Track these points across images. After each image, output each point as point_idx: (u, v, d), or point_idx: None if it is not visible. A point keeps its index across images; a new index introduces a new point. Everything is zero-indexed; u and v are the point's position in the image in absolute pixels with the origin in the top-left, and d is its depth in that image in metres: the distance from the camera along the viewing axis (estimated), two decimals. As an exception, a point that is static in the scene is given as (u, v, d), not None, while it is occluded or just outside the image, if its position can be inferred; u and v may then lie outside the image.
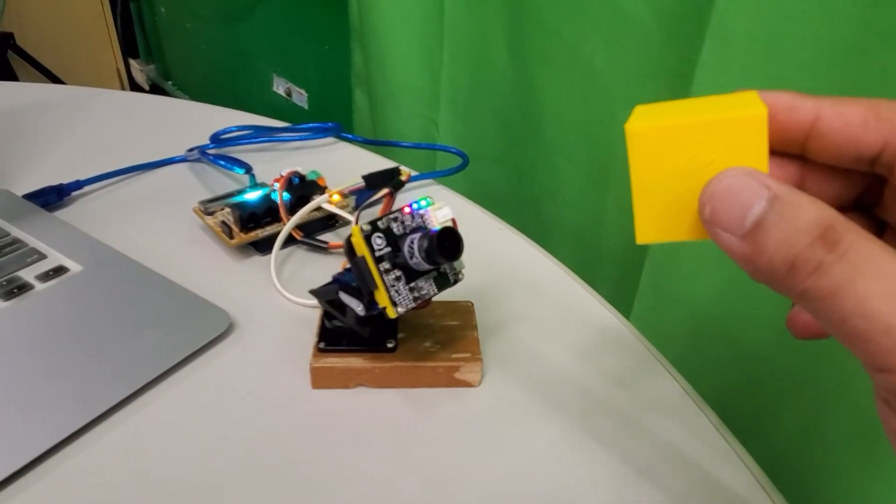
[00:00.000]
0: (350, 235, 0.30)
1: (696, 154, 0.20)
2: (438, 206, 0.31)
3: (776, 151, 0.21)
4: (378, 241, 0.29)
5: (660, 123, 0.20)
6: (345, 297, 0.32)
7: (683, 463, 0.31)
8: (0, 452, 0.29)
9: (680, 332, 0.55)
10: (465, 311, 0.37)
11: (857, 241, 0.17)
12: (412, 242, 0.30)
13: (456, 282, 0.32)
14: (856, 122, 0.20)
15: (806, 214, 0.17)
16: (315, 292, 0.35)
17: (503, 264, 0.45)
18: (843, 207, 0.22)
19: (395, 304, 0.29)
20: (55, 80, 1.82)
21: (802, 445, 0.48)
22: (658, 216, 0.21)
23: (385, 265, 0.29)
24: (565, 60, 0.62)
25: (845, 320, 0.16)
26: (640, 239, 0.22)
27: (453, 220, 0.32)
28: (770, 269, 0.18)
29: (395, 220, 0.30)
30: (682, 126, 0.20)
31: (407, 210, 0.31)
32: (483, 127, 0.75)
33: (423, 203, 0.31)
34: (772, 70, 0.44)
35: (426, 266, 0.30)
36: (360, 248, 0.29)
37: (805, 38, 0.42)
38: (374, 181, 0.45)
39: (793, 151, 0.22)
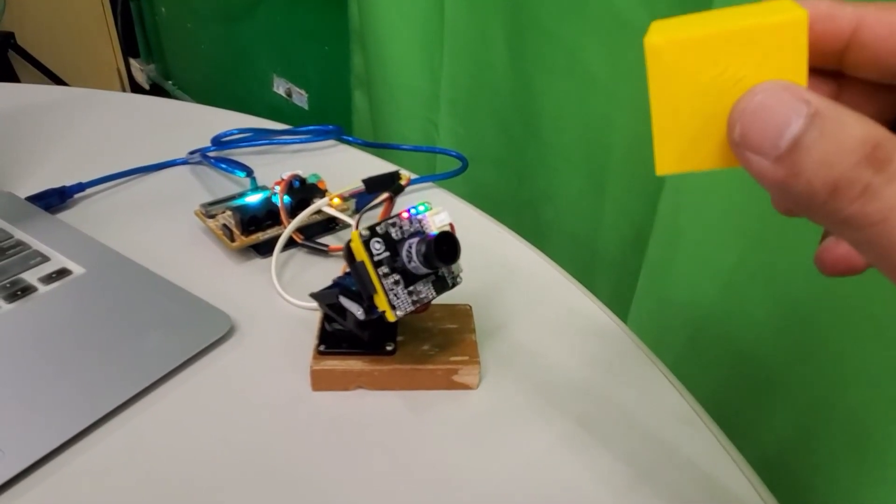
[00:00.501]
0: (349, 241, 0.30)
1: (724, 69, 0.18)
2: (436, 210, 0.32)
3: (810, 67, 0.19)
4: (377, 245, 0.30)
5: (683, 36, 0.18)
6: (345, 301, 0.32)
7: (679, 465, 0.31)
8: (4, 453, 0.29)
9: (677, 334, 0.56)
10: (463, 314, 0.37)
11: None
12: (410, 247, 0.30)
13: (454, 285, 0.32)
14: None
15: (851, 131, 0.15)
16: (315, 296, 0.35)
17: (502, 267, 0.45)
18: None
19: (393, 307, 0.30)
20: (55, 79, 1.82)
21: (797, 447, 0.49)
22: (681, 143, 0.19)
23: (384, 269, 0.30)
24: (564, 63, 0.63)
25: (894, 248, 0.15)
26: (661, 169, 0.20)
27: (451, 225, 0.32)
28: (808, 193, 0.16)
29: (394, 225, 0.31)
30: (708, 37, 0.18)
31: (405, 215, 0.31)
32: (482, 129, 0.76)
33: (420, 208, 0.32)
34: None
35: (424, 270, 0.30)
36: (360, 254, 0.30)
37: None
38: (374, 185, 0.46)
39: (829, 66, 0.20)
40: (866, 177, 0.15)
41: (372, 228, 0.30)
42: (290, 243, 0.45)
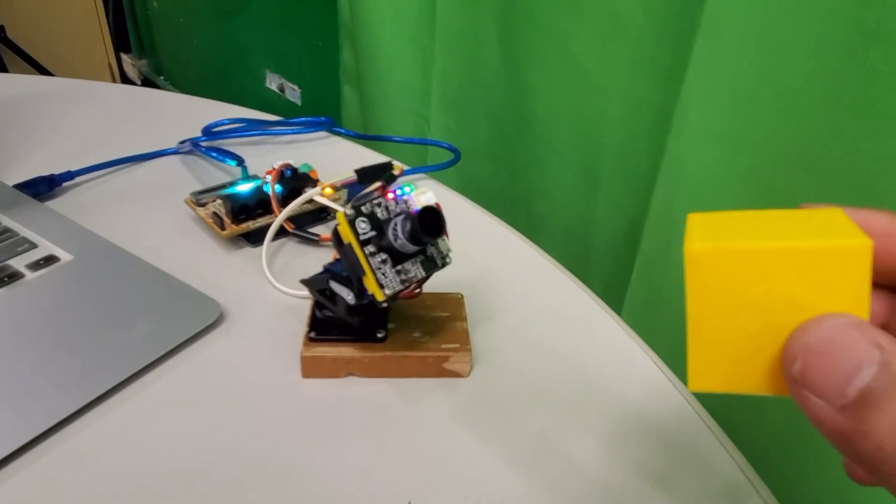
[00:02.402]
0: (337, 225, 0.30)
1: (775, 285, 0.16)
2: (422, 190, 0.32)
3: None
4: (362, 225, 0.30)
5: (730, 245, 0.16)
6: (335, 286, 0.32)
7: (670, 454, 0.31)
8: (-11, 438, 0.29)
9: (670, 327, 0.56)
10: (454, 302, 0.37)
11: None
12: (395, 225, 0.30)
13: (444, 265, 0.32)
14: None
15: None
16: (306, 282, 0.35)
17: (493, 258, 0.45)
18: None
19: (381, 286, 0.29)
20: (46, 73, 1.81)
21: (788, 438, 0.49)
22: (719, 360, 0.17)
23: (370, 248, 0.30)
24: (557, 58, 0.63)
25: None
26: (694, 385, 0.18)
27: (437, 204, 0.32)
28: (878, 457, 0.14)
29: (379, 205, 0.31)
30: (760, 251, 0.16)
31: (391, 196, 0.31)
32: (475, 124, 0.75)
33: (406, 189, 0.32)
34: (763, 67, 0.45)
35: (411, 248, 0.30)
36: (347, 236, 0.29)
37: (795, 36, 0.43)
38: (367, 175, 0.45)
39: (885, 283, 0.18)
40: None
41: (357, 208, 0.30)
42: (281, 232, 0.45)
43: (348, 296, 0.31)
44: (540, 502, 0.29)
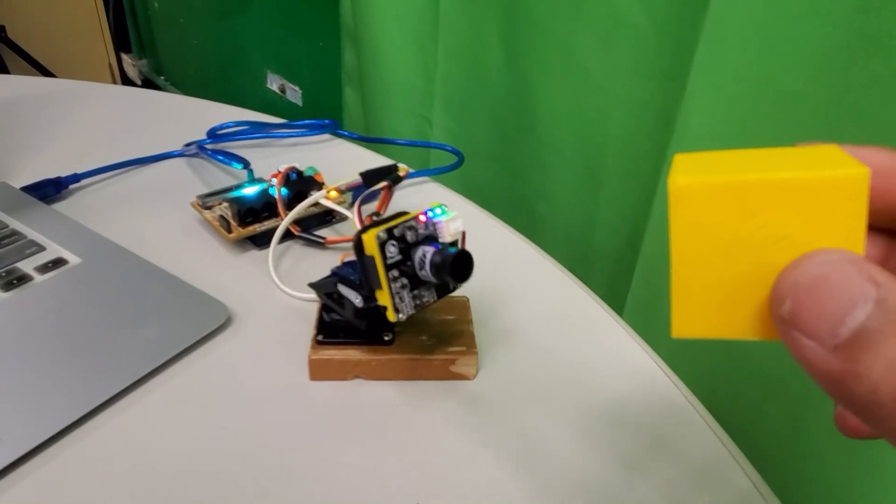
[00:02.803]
0: (361, 231, 0.30)
1: (764, 222, 0.15)
2: (452, 217, 0.31)
3: None
4: (392, 249, 0.30)
5: (717, 178, 0.15)
6: (343, 290, 0.32)
7: (674, 456, 0.32)
8: (2, 440, 0.29)
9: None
10: (460, 305, 0.38)
11: None
12: (424, 255, 0.30)
13: (454, 289, 0.32)
14: None
15: None
16: (314, 285, 0.35)
17: (498, 261, 0.45)
18: None
19: (397, 311, 0.30)
20: (46, 74, 1.81)
21: (790, 440, 0.49)
22: (705, 303, 0.16)
23: (394, 273, 0.30)
24: (559, 60, 0.63)
25: None
26: (678, 331, 0.17)
27: (463, 234, 0.32)
28: (871, 401, 0.13)
29: (411, 228, 0.30)
30: (748, 183, 0.15)
31: (422, 218, 0.31)
32: (477, 126, 0.76)
33: (438, 211, 0.31)
34: (765, 72, 0.45)
35: (433, 280, 0.30)
36: (371, 249, 0.29)
37: (797, 40, 0.43)
38: (372, 178, 0.46)
39: (879, 224, 0.17)
40: None
41: (390, 231, 0.30)
42: (287, 235, 0.45)
43: (356, 299, 0.31)
44: (548, 497, 0.29)
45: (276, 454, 0.31)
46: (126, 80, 2.00)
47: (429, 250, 0.30)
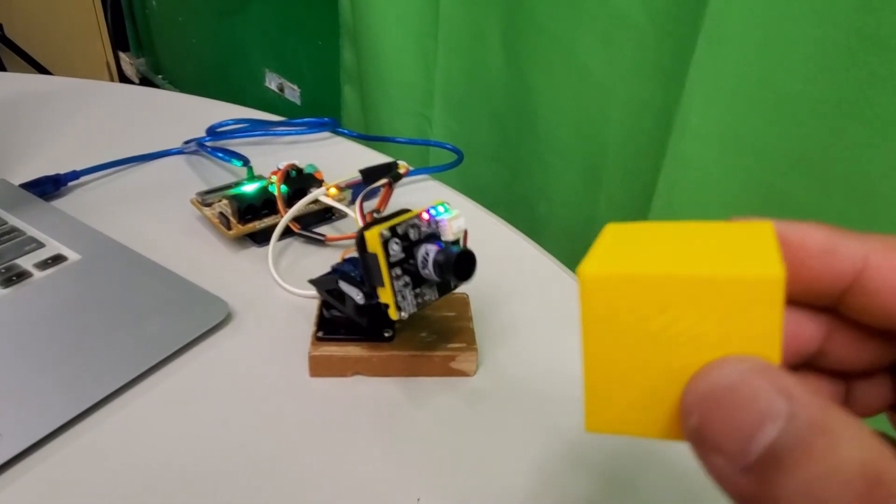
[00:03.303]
0: (364, 229, 0.30)
1: (675, 319, 0.14)
2: (455, 215, 0.31)
3: (798, 302, 0.16)
4: (395, 247, 0.30)
5: (627, 270, 0.15)
6: (344, 286, 0.32)
7: (675, 451, 0.32)
8: (3, 435, 0.29)
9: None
10: (460, 302, 0.38)
11: None
12: (427, 254, 0.30)
13: (456, 287, 0.32)
14: None
15: (845, 453, 0.11)
16: (315, 282, 0.35)
17: (497, 258, 0.45)
18: (872, 371, 0.17)
19: (399, 308, 0.30)
20: (44, 71, 1.80)
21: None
22: (617, 399, 0.16)
23: (396, 271, 0.30)
24: (560, 59, 0.63)
25: None
26: (590, 426, 0.16)
27: (465, 232, 0.32)
28: None
29: (414, 226, 0.30)
30: (658, 278, 0.14)
31: (425, 216, 0.31)
32: (477, 124, 0.76)
33: (441, 209, 0.31)
34: (764, 71, 0.45)
35: (435, 278, 0.30)
36: (374, 247, 0.29)
37: (796, 40, 0.43)
38: (372, 175, 0.46)
39: (820, 304, 0.16)
40: None
41: (393, 229, 0.30)
42: (287, 232, 0.45)
43: (357, 296, 0.31)
44: (546, 499, 0.29)
45: (277, 450, 0.31)
46: (123, 79, 1.99)
47: (432, 249, 0.30)
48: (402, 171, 0.45)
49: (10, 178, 0.49)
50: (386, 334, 0.34)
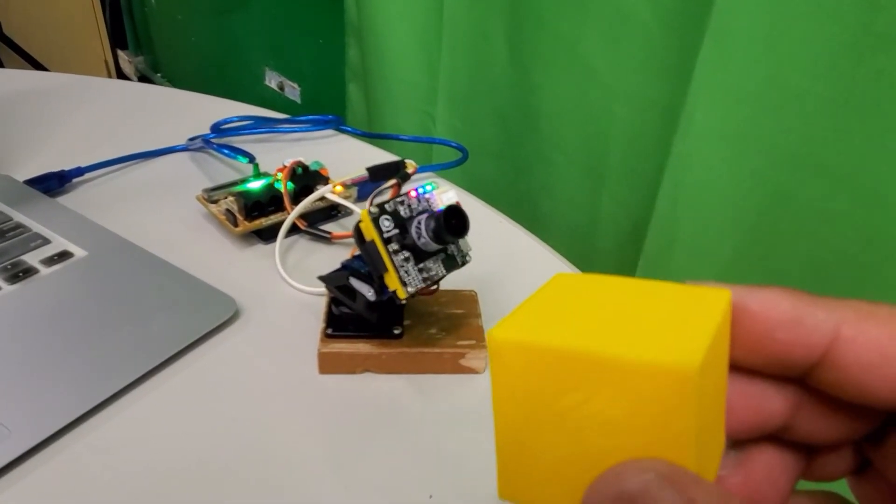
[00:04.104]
0: (359, 222, 0.30)
1: (585, 400, 0.13)
2: (443, 189, 0.32)
3: (765, 374, 0.15)
4: (386, 223, 0.30)
5: (534, 339, 0.13)
6: (355, 283, 0.32)
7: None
8: (11, 432, 0.29)
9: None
10: (468, 299, 0.38)
11: None
12: (419, 223, 0.30)
13: (464, 263, 0.32)
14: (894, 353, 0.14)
15: None
16: (324, 278, 0.35)
17: (503, 255, 0.45)
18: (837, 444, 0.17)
19: (404, 284, 0.30)
20: (41, 69, 1.80)
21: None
22: (526, 471, 0.14)
23: (394, 246, 0.30)
24: (564, 57, 0.63)
25: None
26: (502, 494, 0.15)
27: (458, 203, 0.32)
28: None
29: (402, 203, 0.31)
30: (564, 353, 0.13)
31: (413, 194, 0.31)
32: (481, 123, 0.76)
33: (428, 188, 0.32)
34: (770, 69, 0.45)
35: (434, 246, 0.30)
36: (370, 233, 0.29)
37: (803, 38, 0.43)
38: (379, 174, 0.46)
39: (791, 375, 0.15)
40: None
41: (381, 206, 0.30)
42: (293, 229, 0.45)
43: (368, 292, 0.31)
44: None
45: (287, 448, 0.30)
46: (122, 77, 1.99)
47: (422, 217, 0.30)
48: (409, 170, 0.45)
49: (13, 175, 0.49)
50: (395, 331, 0.34)
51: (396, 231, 0.30)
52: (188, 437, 0.31)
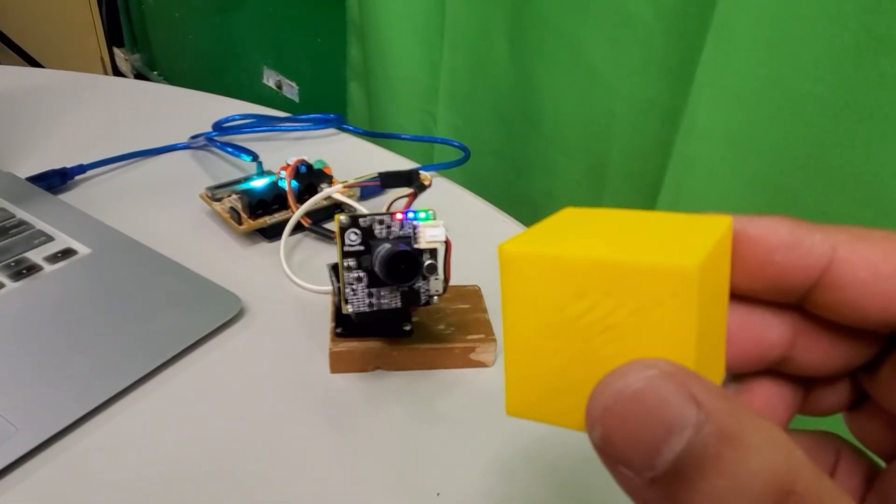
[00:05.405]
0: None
1: (591, 307, 0.14)
2: (433, 223, 0.30)
3: (765, 301, 0.16)
4: (352, 237, 0.29)
5: (543, 250, 0.14)
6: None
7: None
8: (18, 429, 0.29)
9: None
10: (473, 294, 0.38)
11: None
12: (381, 249, 0.29)
13: (427, 303, 0.31)
14: (890, 272, 0.14)
15: (757, 463, 0.11)
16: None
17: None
18: (835, 376, 0.17)
19: (346, 301, 0.30)
20: (37, 66, 1.79)
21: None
22: (535, 384, 0.15)
23: (350, 262, 0.29)
24: (566, 57, 0.63)
25: None
26: (510, 410, 0.15)
27: (447, 243, 0.31)
28: None
29: (381, 222, 0.30)
30: (572, 261, 0.14)
31: (399, 217, 0.30)
32: (482, 122, 0.76)
33: (420, 216, 0.30)
34: (772, 71, 0.46)
35: (381, 276, 0.29)
36: (337, 240, 0.29)
37: (805, 39, 0.44)
38: (390, 180, 0.45)
39: (787, 301, 0.16)
40: None
41: (354, 218, 0.29)
42: (297, 227, 0.45)
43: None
44: (568, 488, 0.29)
45: (296, 446, 0.30)
46: (118, 75, 1.98)
47: (384, 246, 0.29)
48: (426, 182, 0.45)
49: (15, 172, 0.49)
50: (406, 328, 0.34)
51: (361, 248, 0.29)
52: (194, 436, 0.31)
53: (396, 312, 0.34)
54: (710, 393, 0.12)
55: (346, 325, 0.34)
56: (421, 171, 0.44)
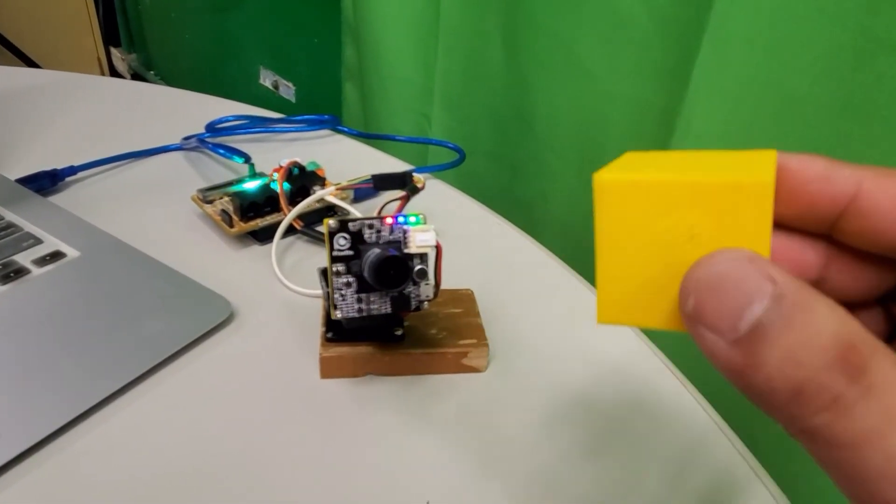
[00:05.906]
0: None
1: (678, 220, 0.16)
2: (424, 228, 0.30)
3: (798, 229, 0.18)
4: (342, 241, 0.29)
5: (636, 177, 0.16)
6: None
7: (678, 448, 0.32)
8: (2, 435, 0.29)
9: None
10: (466, 298, 0.37)
11: (891, 372, 0.13)
12: (370, 255, 0.29)
13: (417, 308, 0.31)
14: None
15: (821, 324, 0.13)
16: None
17: (498, 256, 0.45)
18: (867, 303, 0.19)
19: (335, 307, 0.29)
20: (33, 66, 1.78)
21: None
22: (627, 293, 0.17)
23: (339, 267, 0.29)
24: (560, 59, 0.63)
25: (866, 481, 0.12)
26: (602, 318, 0.18)
27: (438, 247, 0.31)
28: (768, 389, 0.14)
29: (371, 227, 0.29)
30: (662, 183, 0.16)
31: (389, 221, 0.30)
32: (476, 124, 0.75)
33: (411, 220, 0.30)
34: (770, 72, 0.45)
35: (370, 281, 0.29)
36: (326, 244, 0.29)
37: (803, 41, 0.43)
38: (384, 182, 0.45)
39: (819, 230, 0.18)
40: (837, 386, 0.13)
41: (343, 222, 0.29)
42: (289, 230, 0.44)
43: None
44: (559, 495, 0.29)
45: (285, 451, 0.30)
46: (115, 75, 1.97)
47: (374, 251, 0.29)
48: (419, 185, 0.44)
49: (5, 173, 0.48)
50: (397, 333, 0.34)
51: (350, 252, 0.29)
52: (183, 441, 0.30)
53: (387, 317, 0.34)
54: (782, 274, 0.14)
55: (337, 330, 0.34)
56: (414, 174, 0.44)
